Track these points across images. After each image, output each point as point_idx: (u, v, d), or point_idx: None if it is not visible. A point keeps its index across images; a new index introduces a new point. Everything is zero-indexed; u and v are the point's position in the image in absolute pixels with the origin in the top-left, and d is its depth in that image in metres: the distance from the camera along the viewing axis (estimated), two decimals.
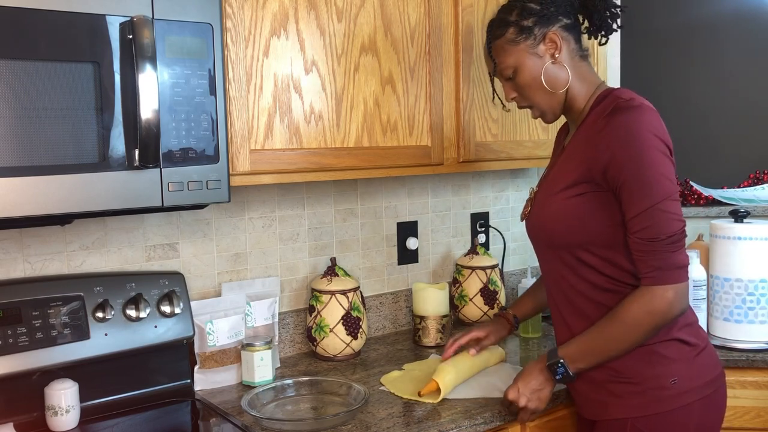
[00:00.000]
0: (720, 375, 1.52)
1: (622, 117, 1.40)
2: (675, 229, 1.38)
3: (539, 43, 1.51)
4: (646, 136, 1.38)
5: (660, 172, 1.37)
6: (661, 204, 1.37)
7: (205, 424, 1.62)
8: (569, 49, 1.53)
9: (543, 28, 1.51)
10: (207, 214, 1.89)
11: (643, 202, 1.38)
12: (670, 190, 1.38)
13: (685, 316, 1.48)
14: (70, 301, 1.59)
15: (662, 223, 1.37)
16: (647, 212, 1.38)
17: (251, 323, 1.88)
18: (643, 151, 1.37)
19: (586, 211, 1.45)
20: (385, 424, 1.51)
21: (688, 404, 1.44)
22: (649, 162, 1.37)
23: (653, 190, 1.37)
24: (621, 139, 1.39)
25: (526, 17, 1.51)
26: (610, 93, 1.51)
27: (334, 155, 1.71)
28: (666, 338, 1.45)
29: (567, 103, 1.55)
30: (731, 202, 2.62)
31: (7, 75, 1.22)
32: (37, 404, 1.54)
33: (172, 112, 1.40)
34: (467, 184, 2.46)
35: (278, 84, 1.62)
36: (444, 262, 2.41)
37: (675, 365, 1.45)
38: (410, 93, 1.84)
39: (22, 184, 1.25)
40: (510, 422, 1.59)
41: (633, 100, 1.43)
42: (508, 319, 1.82)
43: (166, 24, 1.38)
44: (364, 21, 1.74)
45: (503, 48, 1.55)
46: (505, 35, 1.53)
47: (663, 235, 1.38)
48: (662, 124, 1.43)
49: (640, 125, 1.38)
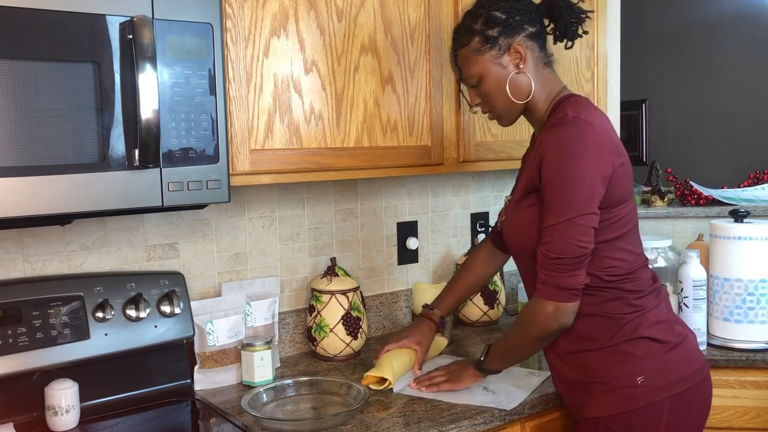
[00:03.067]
0: (697, 371, 1.51)
1: (557, 132, 1.43)
2: (568, 252, 1.40)
3: (504, 53, 1.52)
4: (573, 154, 1.39)
5: (578, 192, 1.39)
6: (563, 225, 1.39)
7: (205, 424, 1.62)
8: (534, 57, 1.54)
9: (508, 38, 1.51)
10: (207, 214, 1.89)
11: (554, 216, 1.41)
12: (582, 210, 1.38)
13: (656, 313, 1.50)
14: (70, 301, 1.59)
15: (557, 242, 1.40)
16: (551, 228, 1.41)
17: (251, 323, 1.88)
18: (564, 168, 1.40)
19: (535, 219, 1.47)
20: (385, 424, 1.51)
21: (658, 402, 1.44)
22: (566, 180, 1.39)
23: (563, 208, 1.40)
24: (550, 152, 1.42)
25: (491, 27, 1.51)
26: (561, 102, 1.52)
27: (334, 155, 1.71)
28: (633, 336, 1.47)
29: (528, 110, 1.58)
30: (731, 202, 2.62)
31: (7, 75, 1.22)
32: (37, 404, 1.54)
33: (172, 112, 1.40)
34: (467, 184, 2.46)
35: (278, 84, 1.62)
36: (444, 262, 2.41)
37: (642, 362, 1.46)
38: (410, 93, 1.84)
39: (22, 184, 1.25)
40: (510, 422, 1.59)
41: (566, 116, 1.44)
42: (434, 320, 1.83)
43: (166, 24, 1.38)
44: (364, 21, 1.74)
45: (468, 57, 1.55)
46: (470, 44, 1.54)
47: (553, 255, 1.41)
48: (601, 138, 1.42)
49: (569, 142, 1.40)
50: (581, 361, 1.51)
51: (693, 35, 3.99)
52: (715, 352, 1.98)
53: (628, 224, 1.50)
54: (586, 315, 1.48)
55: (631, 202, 1.51)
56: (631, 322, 1.48)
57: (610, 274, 1.47)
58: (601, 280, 1.47)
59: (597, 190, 1.40)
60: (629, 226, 1.50)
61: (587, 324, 1.49)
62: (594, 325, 1.49)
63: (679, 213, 2.62)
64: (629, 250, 1.50)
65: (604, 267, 1.47)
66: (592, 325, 1.49)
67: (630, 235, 1.51)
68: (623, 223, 1.48)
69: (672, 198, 2.78)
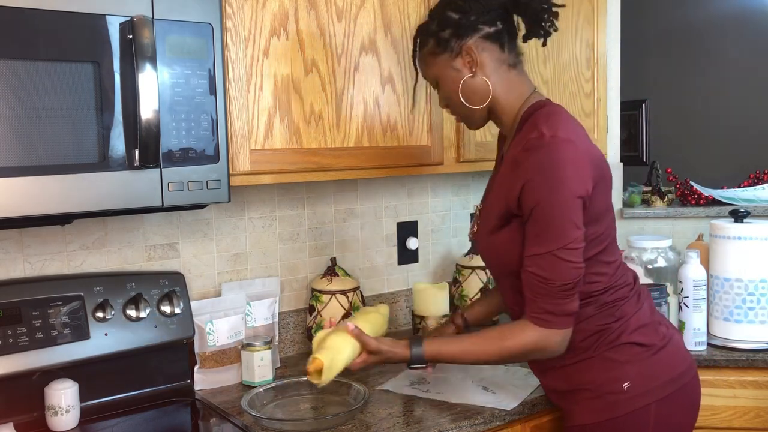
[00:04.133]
0: (685, 372, 1.50)
1: (536, 155, 1.35)
2: (571, 277, 1.36)
3: (456, 56, 1.46)
4: (558, 177, 1.33)
5: (565, 217, 1.34)
6: (561, 251, 1.34)
7: (205, 424, 1.62)
8: (493, 58, 1.46)
9: (459, 40, 1.45)
10: (207, 214, 1.89)
11: (543, 245, 1.35)
12: (573, 236, 1.34)
13: (639, 317, 1.48)
14: (70, 301, 1.59)
15: (559, 269, 1.35)
16: (545, 256, 1.36)
17: (251, 323, 1.88)
18: (551, 193, 1.33)
19: (518, 241, 1.41)
20: (385, 424, 1.51)
21: (645, 406, 1.43)
22: (556, 205, 1.33)
23: (556, 235, 1.34)
24: (533, 178, 1.34)
25: (443, 28, 1.46)
26: (532, 113, 1.44)
27: (334, 155, 1.71)
28: (616, 343, 1.46)
29: (495, 115, 1.51)
30: (731, 202, 2.62)
31: (7, 75, 1.22)
32: (37, 404, 1.54)
33: (172, 112, 1.40)
34: (467, 184, 2.46)
35: (278, 84, 1.62)
36: (444, 262, 2.41)
37: (627, 368, 1.45)
38: (410, 93, 1.84)
39: (22, 184, 1.25)
40: (510, 422, 1.59)
41: (543, 137, 1.35)
42: (456, 322, 1.78)
43: (166, 24, 1.38)
44: (364, 21, 1.74)
45: (425, 60, 1.52)
46: (427, 46, 1.50)
47: (558, 282, 1.36)
48: (580, 156, 1.36)
49: (551, 165, 1.33)
50: (567, 372, 1.50)
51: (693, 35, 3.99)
52: (715, 352, 1.98)
53: (607, 239, 1.46)
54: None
55: (609, 214, 1.46)
56: (614, 330, 1.46)
57: (590, 290, 1.44)
58: (582, 296, 1.43)
59: (580, 210, 1.36)
60: (608, 240, 1.47)
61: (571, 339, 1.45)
62: (578, 339, 1.46)
63: (679, 213, 2.62)
64: (608, 262, 1.47)
65: (586, 283, 1.43)
66: (575, 339, 1.45)
67: (609, 248, 1.47)
68: (602, 239, 1.44)
69: (672, 198, 2.78)
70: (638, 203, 2.76)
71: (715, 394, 1.93)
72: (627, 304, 1.49)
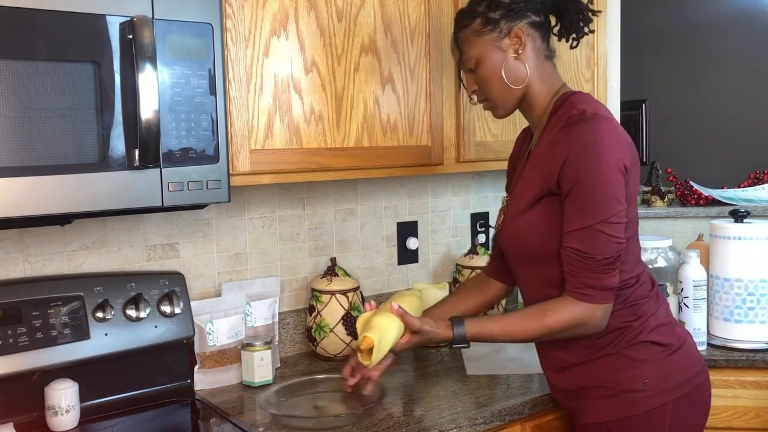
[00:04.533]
0: (698, 373, 1.51)
1: (577, 130, 1.39)
2: (612, 251, 1.38)
3: (504, 36, 1.50)
4: (600, 151, 1.36)
5: (609, 191, 1.36)
6: (603, 224, 1.36)
7: (205, 424, 1.62)
8: (534, 47, 1.51)
9: (509, 22, 1.49)
10: (207, 214, 1.89)
11: (586, 219, 1.37)
12: (615, 210, 1.37)
13: (657, 317, 1.49)
14: (70, 301, 1.59)
15: (601, 243, 1.37)
16: (587, 230, 1.37)
17: (251, 323, 1.88)
18: (594, 166, 1.36)
19: (554, 224, 1.43)
20: (385, 424, 1.51)
21: (661, 405, 1.44)
22: (599, 178, 1.36)
23: (598, 208, 1.36)
24: (575, 152, 1.38)
25: (494, 9, 1.50)
26: (567, 99, 1.49)
27: (334, 155, 1.71)
28: (635, 341, 1.46)
29: (526, 104, 1.54)
30: (731, 202, 2.62)
31: (7, 75, 1.22)
32: (37, 404, 1.54)
33: (172, 112, 1.40)
34: (467, 184, 2.46)
35: (278, 84, 1.62)
36: (444, 262, 2.41)
37: (646, 366, 1.45)
38: (410, 93, 1.84)
39: (22, 184, 1.25)
40: (510, 422, 1.59)
41: (585, 113, 1.40)
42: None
43: (166, 24, 1.38)
44: (364, 21, 1.74)
45: (468, 39, 1.54)
46: (472, 26, 1.52)
47: (599, 256, 1.38)
48: (620, 133, 1.41)
49: (595, 138, 1.37)
50: (582, 371, 1.49)
51: (693, 35, 3.98)
52: (715, 352, 1.98)
53: (633, 227, 1.48)
54: None
55: (634, 205, 1.48)
56: (635, 329, 1.47)
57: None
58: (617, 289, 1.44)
59: (623, 184, 1.39)
60: (633, 230, 1.48)
61: (591, 335, 1.46)
62: (596, 336, 1.46)
63: (679, 213, 2.62)
64: (632, 252, 1.49)
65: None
66: (595, 335, 1.46)
67: (633, 239, 1.49)
68: (630, 225, 1.45)
69: (672, 198, 2.78)
70: (638, 203, 2.77)
71: (715, 394, 1.92)
72: (647, 303, 1.49)
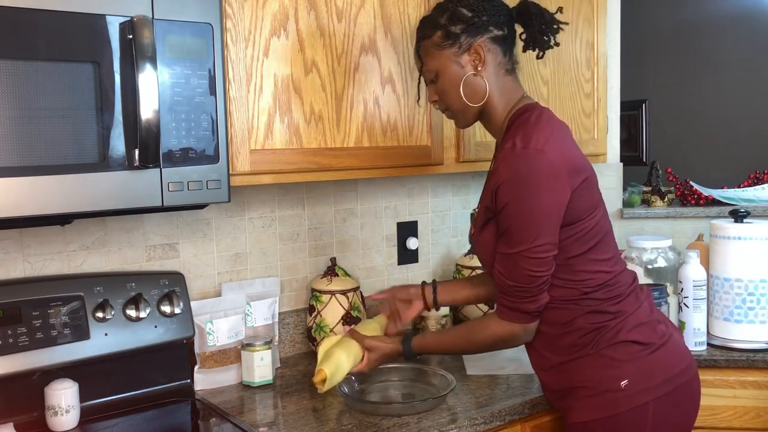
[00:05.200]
0: (683, 371, 1.51)
1: (509, 163, 1.40)
2: (526, 282, 1.43)
3: (464, 52, 1.49)
4: (527, 189, 1.38)
5: (532, 226, 1.39)
6: (520, 256, 1.41)
7: (205, 424, 1.62)
8: (495, 62, 1.50)
9: (470, 37, 1.48)
10: (207, 214, 1.89)
11: (509, 246, 1.43)
12: (538, 242, 1.39)
13: (637, 316, 1.50)
14: (70, 301, 1.59)
15: (518, 272, 1.43)
16: (508, 256, 1.43)
17: (251, 323, 1.88)
18: (522, 201, 1.39)
19: (493, 243, 1.48)
20: (385, 424, 1.51)
21: (643, 404, 1.44)
22: (525, 213, 1.39)
23: (522, 239, 1.40)
24: (506, 183, 1.40)
25: (455, 23, 1.49)
26: (519, 116, 1.48)
27: (334, 155, 1.71)
28: (614, 341, 1.47)
29: (485, 117, 1.56)
30: (731, 202, 2.62)
31: (7, 75, 1.22)
32: (37, 404, 1.54)
33: (172, 112, 1.40)
34: (467, 184, 2.46)
35: (278, 84, 1.62)
36: (444, 262, 2.41)
37: (626, 366, 1.46)
38: (410, 93, 1.84)
39: (22, 184, 1.25)
40: (510, 422, 1.59)
41: (515, 148, 1.39)
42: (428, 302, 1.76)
43: (166, 24, 1.38)
44: (364, 21, 1.74)
45: (429, 51, 1.53)
46: (432, 38, 1.52)
47: (511, 282, 1.44)
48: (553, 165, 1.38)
49: (527, 175, 1.38)
50: (566, 370, 1.51)
51: (693, 35, 3.99)
52: (715, 352, 1.98)
53: (599, 234, 1.48)
54: (567, 327, 1.48)
55: (598, 211, 1.48)
56: (612, 328, 1.47)
57: (586, 286, 1.46)
58: (578, 292, 1.46)
59: (554, 219, 1.40)
60: (600, 236, 1.48)
61: (569, 335, 1.48)
62: (576, 336, 1.48)
63: (679, 213, 2.62)
64: (603, 259, 1.48)
65: (579, 280, 1.46)
66: (573, 336, 1.48)
67: (602, 244, 1.49)
68: (593, 234, 1.46)
69: (672, 198, 2.78)
70: (638, 203, 2.77)
71: (715, 394, 1.93)
72: (625, 301, 1.49)
